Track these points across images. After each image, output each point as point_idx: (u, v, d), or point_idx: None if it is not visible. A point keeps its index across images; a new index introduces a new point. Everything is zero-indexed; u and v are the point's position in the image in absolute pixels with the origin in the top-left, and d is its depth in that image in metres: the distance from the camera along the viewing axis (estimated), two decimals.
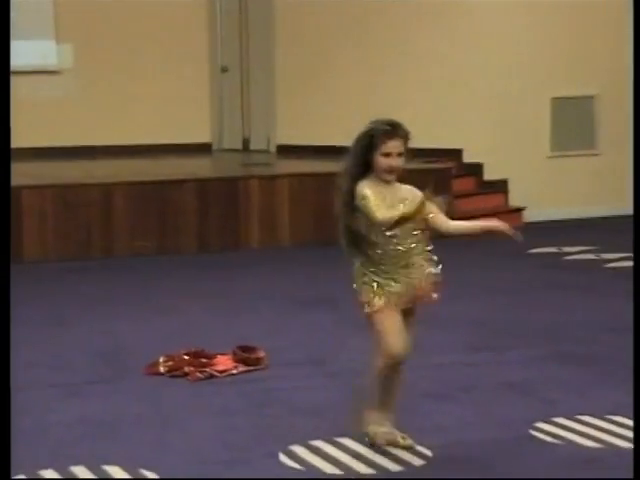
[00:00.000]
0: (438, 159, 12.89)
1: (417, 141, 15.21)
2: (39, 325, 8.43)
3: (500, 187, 13.20)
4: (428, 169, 12.25)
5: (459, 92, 13.34)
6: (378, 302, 5.16)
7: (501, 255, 11.12)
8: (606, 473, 5.12)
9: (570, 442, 5.54)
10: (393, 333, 5.17)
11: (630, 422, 5.73)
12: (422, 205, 5.02)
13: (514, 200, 13.26)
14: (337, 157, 14.29)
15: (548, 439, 5.58)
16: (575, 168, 13.55)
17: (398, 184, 5.17)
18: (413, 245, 5.15)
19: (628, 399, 5.89)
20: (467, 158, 13.24)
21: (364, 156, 5.15)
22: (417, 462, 5.30)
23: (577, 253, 11.16)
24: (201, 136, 15.40)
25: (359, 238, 5.15)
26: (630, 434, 5.59)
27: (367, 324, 5.25)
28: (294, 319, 8.53)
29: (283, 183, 12.05)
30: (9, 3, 5.42)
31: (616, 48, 13.60)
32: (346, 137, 16.05)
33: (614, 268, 10.51)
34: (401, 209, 4.99)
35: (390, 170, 5.10)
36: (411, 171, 12.89)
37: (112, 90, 14.73)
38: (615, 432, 5.68)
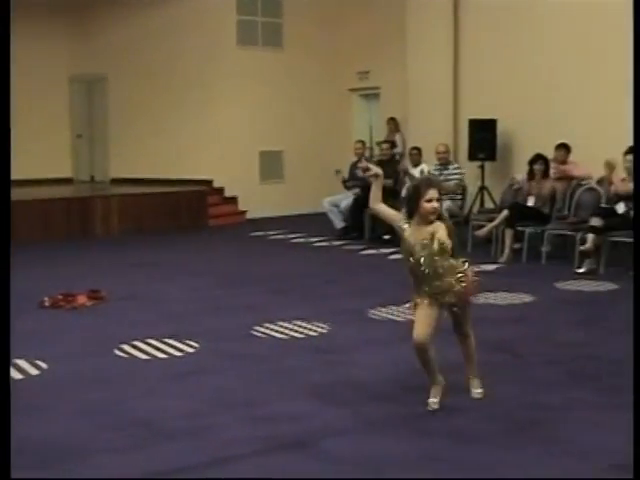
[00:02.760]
0: (202, 185, 12.96)
1: (192, 174, 14.81)
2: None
3: (233, 200, 13.26)
4: (198, 190, 12.68)
5: (214, 148, 13.22)
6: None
7: (233, 238, 11.26)
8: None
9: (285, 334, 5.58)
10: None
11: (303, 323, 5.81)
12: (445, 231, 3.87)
13: (241, 207, 13.23)
14: (144, 185, 13.99)
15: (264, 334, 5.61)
16: (272, 189, 13.58)
17: (432, 221, 3.92)
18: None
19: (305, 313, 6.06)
20: (216, 184, 13.21)
21: (413, 203, 3.93)
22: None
23: (275, 235, 11.21)
24: (66, 173, 14.95)
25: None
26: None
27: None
28: (125, 274, 8.21)
29: (114, 199, 11.79)
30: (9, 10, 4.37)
31: (299, 125, 13.75)
32: (152, 173, 15.42)
33: (295, 243, 10.53)
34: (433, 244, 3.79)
35: (433, 212, 3.89)
36: (192, 191, 12.97)
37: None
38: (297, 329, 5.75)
